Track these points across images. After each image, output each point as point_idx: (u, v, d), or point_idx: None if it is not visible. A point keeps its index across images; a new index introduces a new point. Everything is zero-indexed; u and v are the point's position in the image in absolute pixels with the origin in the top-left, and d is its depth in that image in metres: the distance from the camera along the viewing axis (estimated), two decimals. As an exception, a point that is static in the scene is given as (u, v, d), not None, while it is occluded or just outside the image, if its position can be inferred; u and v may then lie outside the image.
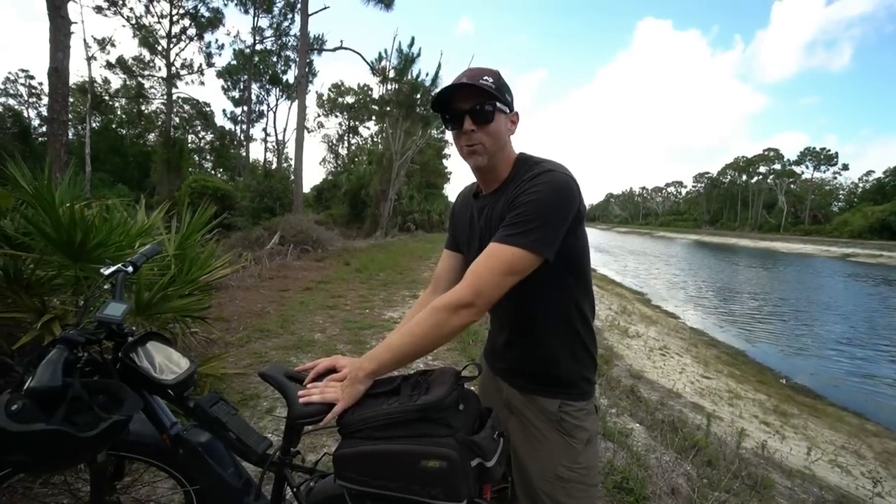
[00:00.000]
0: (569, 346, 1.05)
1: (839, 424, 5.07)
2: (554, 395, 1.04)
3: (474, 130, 0.96)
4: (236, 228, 14.21)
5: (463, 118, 0.96)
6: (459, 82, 0.96)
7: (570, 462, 1.01)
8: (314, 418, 0.92)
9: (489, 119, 0.96)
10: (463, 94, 0.97)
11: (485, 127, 0.96)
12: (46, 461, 0.81)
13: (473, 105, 0.95)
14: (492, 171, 1.03)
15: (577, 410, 1.04)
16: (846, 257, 31.38)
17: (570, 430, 1.02)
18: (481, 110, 0.95)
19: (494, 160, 1.01)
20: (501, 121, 0.98)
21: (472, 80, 0.95)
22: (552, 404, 1.03)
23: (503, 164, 1.03)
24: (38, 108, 36.21)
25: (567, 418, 1.02)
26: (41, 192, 2.20)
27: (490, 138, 0.97)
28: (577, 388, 1.06)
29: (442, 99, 0.99)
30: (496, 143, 0.98)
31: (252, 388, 2.96)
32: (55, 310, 2.14)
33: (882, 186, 59.78)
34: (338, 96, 43.13)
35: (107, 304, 1.03)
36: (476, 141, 0.97)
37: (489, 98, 0.95)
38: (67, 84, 8.13)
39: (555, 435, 1.02)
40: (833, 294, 15.18)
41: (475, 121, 0.96)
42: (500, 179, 1.04)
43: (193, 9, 27.74)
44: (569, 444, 1.02)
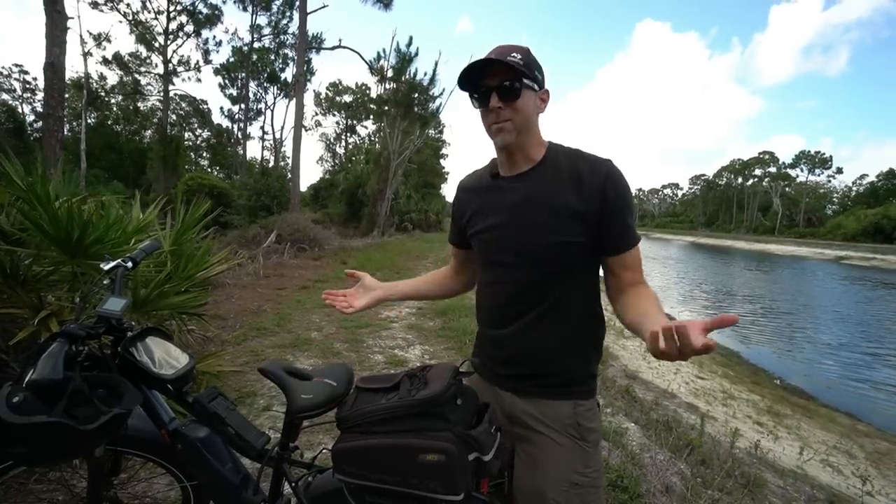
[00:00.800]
0: (582, 336, 1.03)
1: (831, 425, 5.12)
2: (567, 396, 1.01)
3: (501, 107, 0.95)
4: (233, 227, 14.15)
5: (490, 95, 0.95)
6: (486, 58, 0.94)
7: (583, 467, 0.98)
8: (313, 412, 0.93)
9: (516, 95, 0.94)
10: (490, 71, 0.95)
11: (512, 104, 0.95)
12: (47, 453, 0.81)
13: (500, 81, 0.94)
14: (520, 149, 1.00)
15: (587, 410, 1.01)
16: (840, 260, 31.63)
17: (584, 433, 1.00)
18: (509, 87, 0.94)
19: (522, 138, 0.98)
20: (529, 98, 0.96)
21: (500, 56, 0.93)
22: (566, 407, 1.00)
23: (532, 143, 1.01)
24: (33, 104, 35.96)
25: (581, 420, 1.00)
26: (35, 187, 2.19)
27: (518, 115, 0.96)
28: (586, 386, 1.04)
29: (469, 76, 0.97)
30: (524, 120, 0.97)
31: (249, 385, 2.96)
32: (51, 306, 2.13)
33: (875, 190, 60.38)
34: (336, 95, 43.08)
35: (106, 298, 1.04)
36: (503, 118, 0.95)
37: (516, 75, 0.94)
38: (63, 80, 8.08)
39: (567, 440, 0.99)
40: (826, 297, 15.30)
41: (502, 97, 0.94)
42: (531, 160, 1.01)
43: (191, 5, 27.61)
44: (582, 449, 0.99)
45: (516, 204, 1.00)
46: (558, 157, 1.00)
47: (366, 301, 1.17)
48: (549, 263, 0.97)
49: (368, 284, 1.19)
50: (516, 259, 1.00)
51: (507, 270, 1.03)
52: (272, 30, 30.52)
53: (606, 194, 0.93)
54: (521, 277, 1.00)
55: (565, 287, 0.99)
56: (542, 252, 0.96)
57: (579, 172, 0.95)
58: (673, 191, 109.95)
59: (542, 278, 0.98)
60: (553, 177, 0.98)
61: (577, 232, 0.95)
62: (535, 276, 0.98)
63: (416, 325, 5.16)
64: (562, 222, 0.95)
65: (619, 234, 0.95)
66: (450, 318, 5.34)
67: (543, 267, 0.97)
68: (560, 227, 0.95)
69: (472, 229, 1.10)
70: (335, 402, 1.02)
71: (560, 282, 0.98)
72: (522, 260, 0.99)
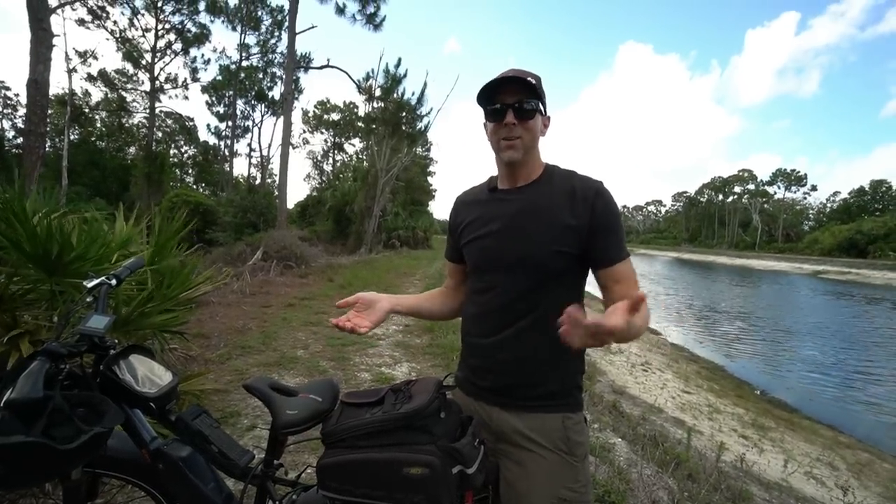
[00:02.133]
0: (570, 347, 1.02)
1: (814, 437, 5.19)
2: (555, 409, 1.02)
3: (515, 124, 1.00)
4: (218, 244, 13.97)
5: (506, 112, 1.00)
6: (508, 76, 1.00)
7: (572, 482, 0.99)
8: (298, 427, 0.93)
9: (531, 115, 1.01)
10: (508, 88, 1.00)
11: (525, 122, 1.00)
12: (24, 474, 0.80)
13: (517, 100, 0.99)
14: (523, 166, 1.06)
15: (575, 424, 1.02)
16: (817, 274, 32.51)
17: (572, 448, 1.00)
18: (525, 106, 1.00)
19: (528, 156, 1.05)
20: (538, 120, 1.03)
21: (520, 76, 1.00)
22: (555, 420, 1.01)
23: (534, 162, 1.08)
24: (13, 119, 35.39)
25: (570, 434, 1.01)
26: (12, 203, 2.15)
27: (528, 134, 1.02)
28: (573, 398, 1.05)
29: (486, 91, 1.02)
30: (532, 139, 1.03)
31: (233, 405, 2.90)
32: (26, 325, 2.08)
33: (848, 207, 62.72)
34: (323, 113, 43.41)
35: (89, 316, 1.03)
36: (515, 135, 1.01)
37: (533, 96, 1.00)
38: (47, 96, 8.01)
39: (555, 455, 0.99)
40: (807, 310, 15.67)
41: (518, 115, 1.00)
42: (530, 177, 1.08)
43: (180, 24, 27.78)
44: (570, 464, 1.00)
45: (513, 213, 1.05)
46: (554, 176, 1.07)
47: (376, 316, 1.12)
48: (542, 271, 1.00)
49: (370, 300, 1.14)
50: (511, 266, 1.03)
51: (500, 277, 1.05)
52: (260, 49, 30.83)
53: (595, 209, 0.98)
54: (514, 284, 1.03)
55: (557, 296, 1.00)
56: (537, 259, 1.00)
57: (573, 189, 1.02)
58: (656, 207, 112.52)
59: (536, 286, 1.01)
60: (548, 191, 1.04)
61: (569, 243, 0.99)
62: (528, 284, 1.01)
63: (403, 343, 5.13)
64: (555, 233, 1.00)
65: (607, 247, 1.00)
66: (437, 335, 5.32)
67: (537, 274, 1.01)
68: (554, 237, 0.99)
69: (466, 238, 1.13)
70: (320, 417, 1.02)
71: (552, 291, 1.01)
72: (517, 267, 1.02)
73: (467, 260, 1.16)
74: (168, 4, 26.67)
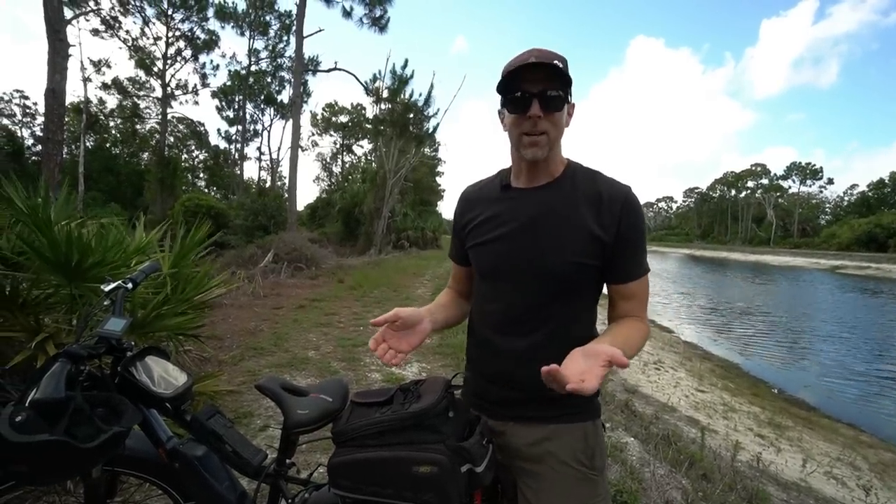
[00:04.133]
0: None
1: (834, 436, 5.08)
2: (576, 419, 0.95)
3: (541, 117, 0.85)
4: (230, 247, 14.16)
5: (530, 102, 0.84)
6: (534, 60, 0.83)
7: (593, 495, 0.94)
8: (309, 427, 0.95)
9: (559, 107, 0.86)
10: (533, 75, 0.84)
11: (552, 115, 0.86)
12: (48, 472, 0.83)
13: (544, 89, 0.84)
14: (546, 162, 0.93)
15: (593, 434, 0.96)
16: (835, 269, 31.79)
17: (593, 460, 0.95)
18: (554, 96, 0.84)
19: (552, 153, 0.91)
20: (564, 110, 0.89)
21: (545, 60, 0.83)
22: (576, 431, 0.95)
23: (556, 158, 0.95)
24: (32, 128, 36.34)
25: (590, 445, 0.95)
26: (37, 211, 2.22)
27: (554, 129, 0.88)
28: (592, 405, 0.98)
29: (507, 77, 0.86)
30: (559, 135, 0.90)
31: (245, 405, 2.95)
32: (49, 328, 2.14)
33: (866, 200, 61.23)
34: (332, 116, 43.74)
35: (107, 319, 1.06)
36: (541, 129, 0.86)
37: (561, 83, 0.85)
38: (63, 105, 8.21)
39: (574, 471, 0.93)
40: (824, 306, 15.34)
41: (544, 107, 0.84)
42: (551, 174, 0.95)
43: (189, 31, 28.26)
44: (590, 478, 0.94)
45: (529, 217, 0.93)
46: (577, 175, 0.94)
47: (417, 339, 0.95)
48: (559, 282, 0.91)
49: (411, 320, 0.94)
50: (524, 275, 0.93)
51: (511, 287, 0.95)
52: (269, 53, 31.20)
53: (622, 221, 0.88)
54: (528, 295, 0.93)
55: (573, 308, 0.94)
56: (554, 270, 0.90)
57: (599, 194, 0.90)
58: (668, 204, 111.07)
59: (551, 298, 0.92)
60: (571, 193, 0.92)
61: (592, 254, 0.90)
62: (543, 295, 0.92)
63: (413, 343, 5.14)
64: (577, 243, 0.89)
65: (627, 263, 0.92)
66: (447, 335, 5.33)
67: (553, 286, 0.91)
68: (575, 248, 0.89)
69: (475, 240, 1.01)
70: (331, 417, 1.03)
71: (568, 303, 0.93)
72: (531, 276, 0.92)
73: (475, 264, 1.05)
74: (178, 12, 27.17)
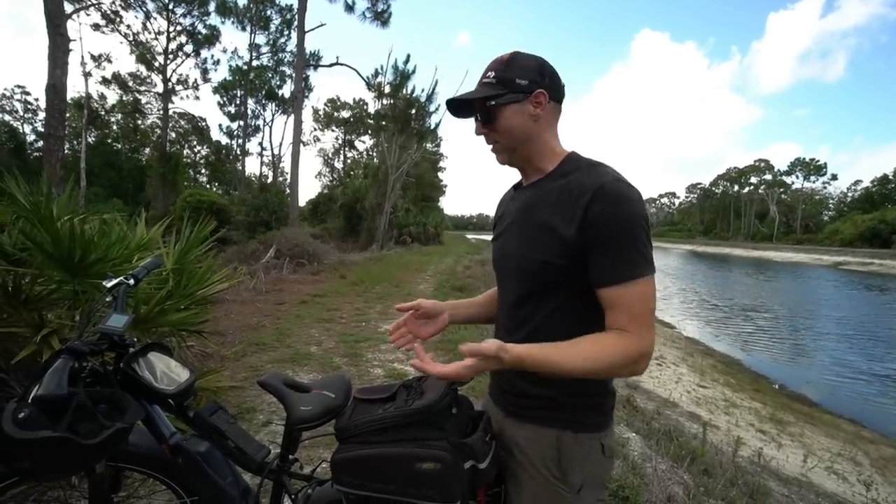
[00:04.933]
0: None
1: (835, 432, 5.09)
2: (550, 423, 0.91)
3: (486, 132, 0.96)
4: (232, 242, 14.18)
5: (476, 123, 0.97)
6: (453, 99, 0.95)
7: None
8: (312, 423, 0.95)
9: (492, 119, 0.93)
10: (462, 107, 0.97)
11: (492, 126, 0.94)
12: (51, 468, 0.83)
13: (479, 108, 0.94)
14: (525, 162, 0.98)
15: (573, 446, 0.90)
16: (838, 266, 31.69)
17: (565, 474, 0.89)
18: (483, 113, 0.94)
19: (519, 153, 0.96)
20: (513, 114, 0.91)
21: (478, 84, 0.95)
22: (548, 436, 0.91)
23: (540, 153, 0.95)
24: (34, 124, 36.38)
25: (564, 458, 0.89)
26: (39, 207, 2.22)
27: (502, 135, 0.94)
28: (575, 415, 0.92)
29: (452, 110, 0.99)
30: (511, 138, 0.94)
31: (248, 401, 2.96)
32: (52, 324, 2.15)
33: (870, 195, 60.87)
34: (334, 111, 43.63)
35: (109, 315, 1.06)
36: (491, 141, 0.97)
37: (488, 98, 0.92)
38: (65, 100, 8.21)
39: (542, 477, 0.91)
40: (826, 303, 15.30)
41: (483, 124, 0.95)
42: (541, 171, 0.96)
43: (190, 26, 28.17)
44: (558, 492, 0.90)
45: (518, 212, 0.98)
46: (568, 169, 0.92)
47: (437, 328, 1.09)
48: (531, 280, 0.92)
49: (433, 310, 1.09)
50: (510, 271, 0.98)
51: (506, 281, 1.02)
52: (270, 48, 31.10)
53: (589, 213, 0.82)
54: (514, 290, 0.97)
55: (554, 309, 0.90)
56: (528, 268, 0.92)
57: (569, 184, 0.87)
58: (670, 199, 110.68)
59: (529, 295, 0.93)
60: (551, 189, 0.91)
61: (555, 253, 0.86)
62: (523, 292, 0.94)
63: (415, 338, 5.15)
64: (543, 239, 0.88)
65: (603, 264, 0.82)
66: (449, 331, 5.33)
67: (529, 284, 0.93)
68: (541, 245, 0.88)
69: (492, 237, 1.11)
70: (333, 413, 1.03)
71: (547, 302, 0.90)
72: (514, 272, 0.97)
73: None
74: (179, 7, 27.06)
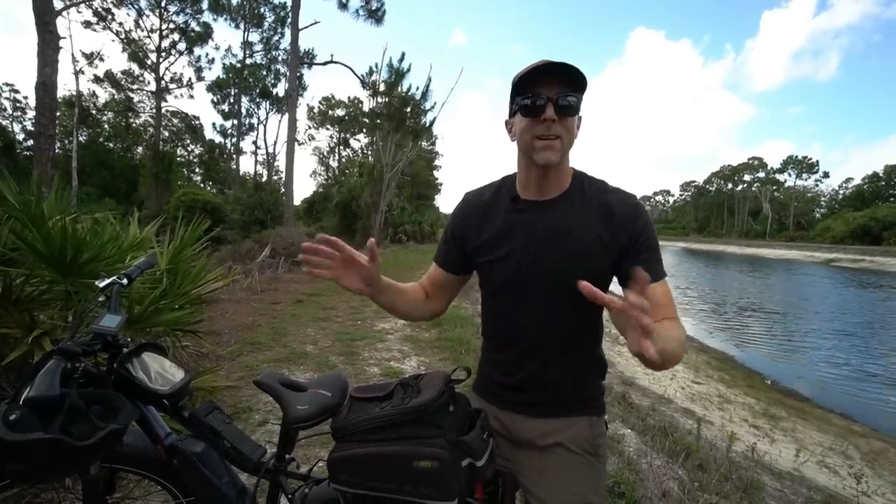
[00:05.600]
0: (598, 359, 1.04)
1: (826, 426, 5.14)
2: (582, 413, 1.00)
3: (555, 121, 0.85)
4: (226, 241, 14.10)
5: (545, 105, 0.85)
6: (555, 61, 0.84)
7: (597, 486, 0.99)
8: (308, 422, 0.94)
9: (575, 111, 0.87)
10: (548, 79, 0.85)
11: (566, 120, 0.86)
12: (43, 471, 0.82)
13: (561, 92, 0.84)
14: (556, 172, 0.93)
15: (599, 427, 1.01)
16: (830, 262, 32.03)
17: (598, 451, 0.99)
18: (568, 100, 0.85)
19: (563, 160, 0.91)
20: (577, 118, 0.90)
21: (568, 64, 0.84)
22: (583, 423, 0.99)
23: (567, 167, 0.95)
24: (23, 122, 35.86)
25: (597, 438, 0.99)
26: (30, 206, 2.20)
27: (569, 134, 0.88)
28: (598, 403, 1.04)
29: (524, 79, 0.87)
30: (571, 141, 0.90)
31: (244, 401, 2.94)
32: (44, 325, 2.12)
33: (861, 193, 61.64)
34: (328, 109, 43.39)
35: (102, 315, 1.05)
36: (555, 133, 0.86)
37: (579, 88, 0.86)
38: (55, 98, 8.11)
39: (582, 458, 0.97)
40: (818, 298, 15.47)
41: (559, 110, 0.85)
42: (561, 185, 0.95)
43: (183, 23, 27.91)
44: (595, 467, 0.99)
45: (544, 232, 0.94)
46: (584, 187, 0.96)
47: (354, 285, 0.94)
48: (577, 295, 0.89)
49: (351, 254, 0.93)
50: (541, 291, 0.95)
51: (526, 302, 0.97)
52: (264, 46, 30.90)
53: (635, 228, 0.91)
54: (544, 309, 0.96)
55: (590, 318, 0.98)
56: (572, 283, 0.88)
57: (609, 205, 0.92)
58: (664, 197, 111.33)
59: (569, 309, 0.94)
60: (583, 207, 0.93)
61: (603, 267, 0.92)
62: (560, 309, 0.94)
63: (411, 337, 5.16)
64: (594, 255, 0.91)
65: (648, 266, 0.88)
66: (445, 329, 5.34)
67: (571, 298, 0.89)
68: (592, 260, 0.92)
69: (487, 256, 1.00)
70: (330, 412, 1.03)
71: (582, 313, 0.95)
72: (547, 292, 0.94)
73: (485, 280, 1.04)
74: (172, 4, 26.80)
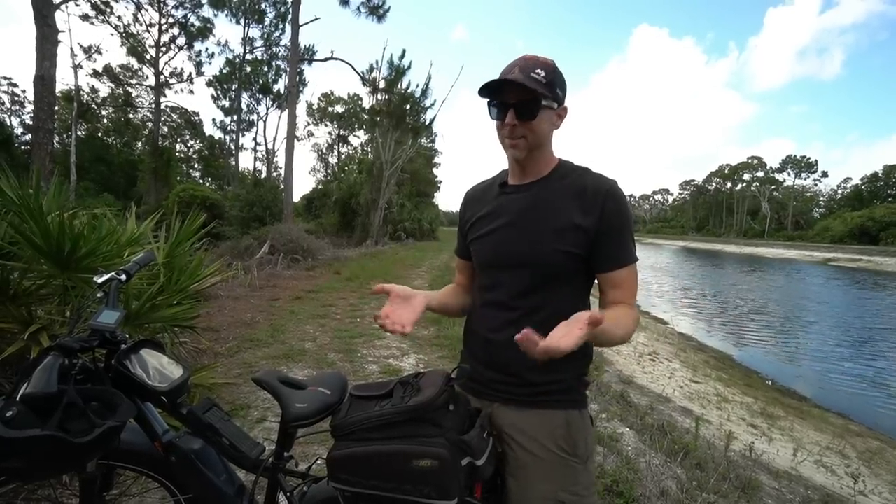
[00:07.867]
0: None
1: (824, 425, 5.16)
2: (559, 406, 1.00)
3: (517, 125, 0.97)
4: (225, 238, 14.07)
5: (507, 111, 0.96)
6: (508, 78, 0.94)
7: (571, 485, 0.97)
8: (307, 420, 0.94)
9: (532, 116, 0.96)
10: (511, 86, 0.95)
11: (527, 123, 0.97)
12: (41, 468, 0.81)
13: (519, 100, 0.95)
14: (531, 162, 1.04)
15: (578, 422, 1.00)
16: (828, 262, 32.09)
17: (574, 448, 0.98)
18: (526, 107, 0.95)
19: (534, 154, 1.02)
20: (546, 117, 0.98)
21: (523, 73, 0.94)
22: (558, 417, 0.99)
23: (543, 158, 1.04)
24: (21, 116, 35.75)
25: (573, 433, 0.99)
26: (28, 200, 2.18)
27: (532, 134, 0.98)
28: (577, 395, 1.03)
29: (489, 87, 0.98)
30: (537, 138, 0.99)
31: (242, 397, 2.94)
32: (42, 320, 2.11)
33: (859, 193, 61.69)
34: (328, 105, 43.24)
35: (100, 311, 1.04)
36: (518, 135, 0.98)
37: (535, 96, 0.95)
38: (53, 92, 8.06)
39: (554, 455, 0.97)
40: (816, 298, 15.49)
41: (518, 116, 0.96)
42: (540, 172, 1.05)
43: (183, 18, 27.72)
44: (570, 465, 0.98)
45: (519, 210, 1.03)
46: (566, 172, 1.03)
47: (415, 314, 1.04)
48: (547, 271, 0.98)
49: (405, 294, 1.08)
50: (516, 264, 1.01)
51: (505, 275, 1.03)
52: (264, 42, 30.67)
53: (605, 210, 0.96)
54: (519, 283, 1.01)
55: (563, 296, 1.00)
56: (542, 259, 0.98)
57: (584, 187, 0.99)
58: (664, 196, 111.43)
59: (540, 285, 0.99)
60: (559, 188, 1.01)
61: (577, 243, 0.96)
62: (533, 283, 0.99)
63: (410, 334, 5.14)
64: (565, 232, 0.97)
65: (611, 251, 0.97)
66: (444, 327, 5.34)
67: (542, 274, 0.99)
68: (560, 237, 0.97)
69: (474, 234, 1.12)
70: (329, 410, 1.02)
71: (558, 290, 0.99)
72: (521, 265, 1.00)
73: (474, 257, 1.14)
74: (170, -2, 26.60)
